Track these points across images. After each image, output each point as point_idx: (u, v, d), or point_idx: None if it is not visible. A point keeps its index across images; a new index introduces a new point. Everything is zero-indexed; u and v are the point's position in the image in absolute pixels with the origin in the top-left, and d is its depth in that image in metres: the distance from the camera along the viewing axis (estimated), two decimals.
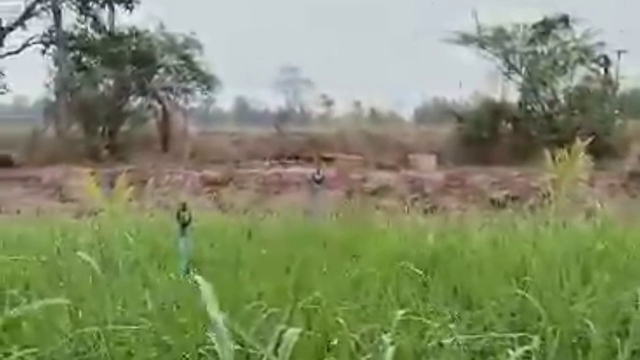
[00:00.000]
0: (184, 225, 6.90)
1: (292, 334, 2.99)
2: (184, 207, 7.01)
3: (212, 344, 3.71)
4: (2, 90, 41.50)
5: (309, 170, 19.64)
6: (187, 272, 6.31)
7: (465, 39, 39.77)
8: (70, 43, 39.79)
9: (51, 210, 21.01)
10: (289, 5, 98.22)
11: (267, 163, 35.56)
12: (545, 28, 38.77)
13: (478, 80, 54.04)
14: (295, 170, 30.36)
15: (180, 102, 42.88)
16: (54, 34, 39.67)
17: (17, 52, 39.28)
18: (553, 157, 5.87)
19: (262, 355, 3.79)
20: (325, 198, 13.29)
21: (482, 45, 39.40)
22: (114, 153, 36.41)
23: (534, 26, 38.93)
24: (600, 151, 21.72)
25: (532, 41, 39.06)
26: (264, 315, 4.53)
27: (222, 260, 7.19)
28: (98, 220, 8.24)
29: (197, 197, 24.56)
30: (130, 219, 8.98)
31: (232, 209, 17.82)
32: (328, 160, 33.27)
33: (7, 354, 3.93)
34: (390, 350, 4.00)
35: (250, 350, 3.92)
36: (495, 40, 39.32)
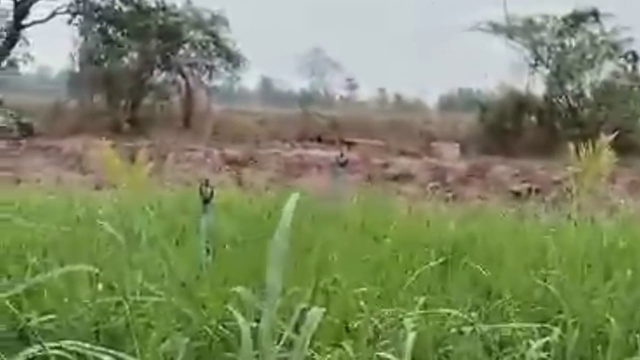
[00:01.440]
0: (206, 201, 6.86)
1: (316, 313, 2.95)
2: (206, 183, 6.97)
3: (234, 320, 3.69)
4: (26, 59, 41.66)
5: (331, 153, 19.59)
6: (208, 250, 6.27)
7: (495, 29, 39.58)
8: (97, 14, 39.80)
9: (71, 181, 21.06)
10: None
11: (288, 144, 35.49)
12: (574, 21, 38.55)
13: (504, 72, 53.79)
14: (316, 152, 30.28)
15: (205, 78, 42.80)
16: (81, 5, 39.68)
17: (43, 21, 39.32)
18: (577, 152, 5.82)
19: (282, 335, 3.78)
20: (346, 182, 13.27)
21: (510, 36, 39.20)
22: (136, 127, 36.37)
23: (564, 19, 38.71)
24: (623, 148, 21.57)
25: (560, 34, 38.84)
26: (286, 295, 4.50)
27: (242, 239, 7.17)
28: (118, 193, 8.23)
29: (217, 175, 24.52)
30: (149, 193, 8.98)
31: (252, 188, 17.81)
32: (350, 144, 33.19)
33: (27, 320, 3.93)
34: (412, 336, 3.98)
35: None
36: (523, 31, 39.13)
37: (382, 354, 4.09)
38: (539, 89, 40.02)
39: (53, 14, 39.19)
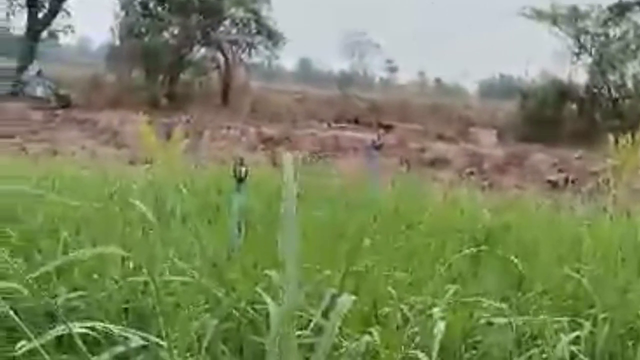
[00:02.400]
0: (240, 180, 6.82)
1: (347, 300, 2.93)
2: (241, 162, 6.92)
3: (263, 303, 3.68)
4: (66, 30, 41.92)
5: (367, 136, 19.54)
6: (240, 230, 6.26)
7: (538, 16, 39.31)
8: None
9: (105, 155, 21.18)
10: None
11: (325, 125, 35.45)
12: (619, 10, 38.19)
13: (546, 59, 53.49)
14: (352, 134, 30.24)
15: (244, 56, 42.77)
16: None
17: None
18: (616, 143, 5.75)
19: (310, 320, 3.76)
20: (380, 165, 13.23)
21: (554, 23, 38.90)
22: (173, 102, 36.46)
23: (609, 8, 38.35)
24: None
25: (605, 23, 38.49)
26: (315, 279, 4.48)
27: (273, 219, 7.14)
28: (152, 169, 8.25)
29: (253, 153, 24.54)
30: (184, 170, 8.98)
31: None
32: (387, 127, 33.09)
33: (54, 296, 3.94)
34: (441, 325, 3.95)
35: (300, 313, 3.87)
36: (568, 19, 38.82)
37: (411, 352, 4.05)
38: (580, 78, 39.79)
39: None
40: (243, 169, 6.82)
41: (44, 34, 41.09)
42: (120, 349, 3.36)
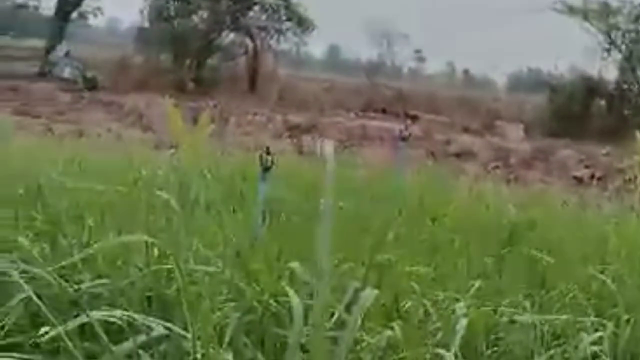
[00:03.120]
0: (266, 169, 6.79)
1: (369, 294, 2.92)
2: (267, 151, 6.90)
3: (286, 295, 3.68)
4: (95, 12, 42.07)
5: (394, 126, 19.49)
6: (264, 220, 6.25)
7: (570, 10, 39.08)
8: None
9: (131, 138, 21.24)
10: None
11: (352, 114, 35.37)
12: None
13: (575, 54, 53.16)
14: (380, 124, 30.17)
15: (272, 42, 42.71)
16: None
17: None
18: None
19: (333, 313, 3.75)
20: (407, 157, 13.16)
21: (585, 18, 38.65)
22: (200, 87, 36.48)
23: None
24: None
25: (636, 19, 38.23)
26: (339, 274, 4.47)
27: (299, 210, 7.14)
28: (177, 154, 8.25)
29: (279, 141, 24.53)
30: (209, 157, 8.98)
31: (312, 156, 17.77)
32: (414, 118, 33.01)
33: (78, 282, 3.95)
34: (463, 321, 3.94)
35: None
36: (599, 15, 38.56)
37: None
38: (610, 74, 39.54)
39: None
40: (269, 158, 6.80)
41: (74, 14, 41.21)
42: (142, 337, 3.37)
